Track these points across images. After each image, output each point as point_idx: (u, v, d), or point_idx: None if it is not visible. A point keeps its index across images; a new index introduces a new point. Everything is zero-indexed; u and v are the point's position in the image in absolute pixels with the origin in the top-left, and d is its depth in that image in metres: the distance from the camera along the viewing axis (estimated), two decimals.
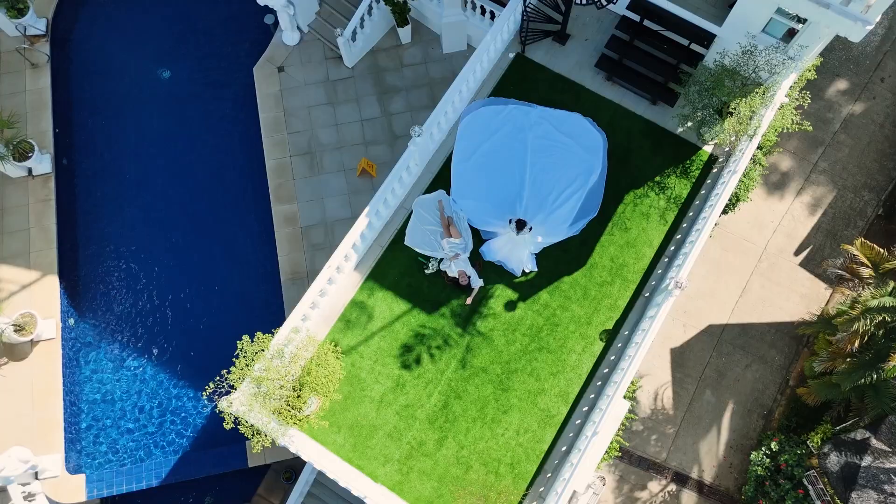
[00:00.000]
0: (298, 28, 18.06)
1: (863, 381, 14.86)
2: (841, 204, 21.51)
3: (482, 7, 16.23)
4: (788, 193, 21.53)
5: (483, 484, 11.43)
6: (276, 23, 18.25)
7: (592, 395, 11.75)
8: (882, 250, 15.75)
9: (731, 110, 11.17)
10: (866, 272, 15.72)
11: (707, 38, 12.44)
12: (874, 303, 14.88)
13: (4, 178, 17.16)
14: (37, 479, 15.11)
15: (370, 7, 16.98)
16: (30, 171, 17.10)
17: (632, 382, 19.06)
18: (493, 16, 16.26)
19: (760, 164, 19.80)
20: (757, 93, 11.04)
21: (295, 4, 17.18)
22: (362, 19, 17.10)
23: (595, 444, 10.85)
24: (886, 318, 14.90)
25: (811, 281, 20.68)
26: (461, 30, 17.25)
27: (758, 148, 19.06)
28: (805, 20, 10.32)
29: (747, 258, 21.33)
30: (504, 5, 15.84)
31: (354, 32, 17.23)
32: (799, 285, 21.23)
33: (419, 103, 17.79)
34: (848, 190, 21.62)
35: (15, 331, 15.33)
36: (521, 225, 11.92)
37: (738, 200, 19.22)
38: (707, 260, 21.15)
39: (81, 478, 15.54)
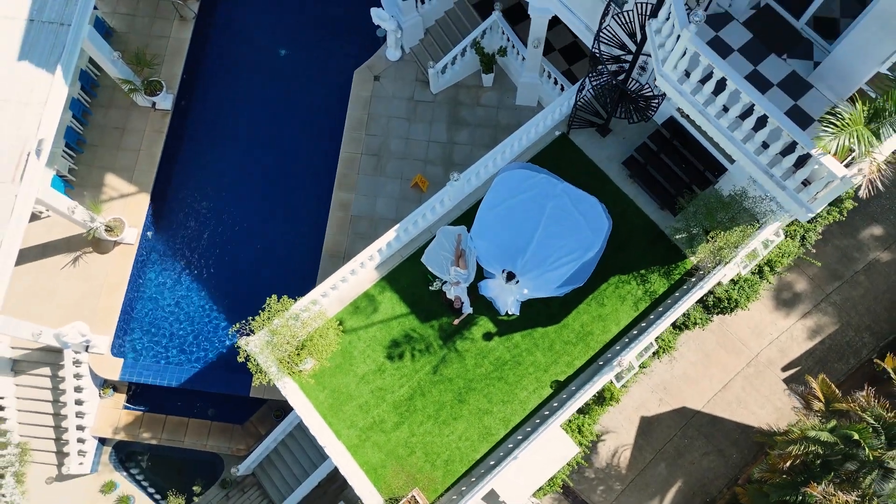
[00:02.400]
0: (401, 48, 20.81)
1: (788, 498, 16.54)
2: (840, 338, 22.82)
3: (555, 79, 18.58)
4: (794, 313, 23.00)
5: (419, 468, 13.99)
6: (385, 38, 21.06)
7: (528, 429, 14.09)
8: (837, 391, 17.33)
9: (710, 237, 13.20)
10: (817, 405, 17.35)
11: (719, 170, 14.49)
12: (812, 433, 16.56)
13: (133, 104, 20.67)
14: (87, 351, 18.58)
15: (464, 50, 19.56)
16: (154, 104, 20.54)
17: (595, 434, 21.20)
18: (562, 88, 18.60)
19: (767, 280, 21.44)
20: (736, 230, 13.02)
21: (403, 30, 19.93)
22: (455, 58, 19.71)
23: (513, 468, 13.23)
24: (819, 449, 16.55)
25: (789, 398, 22.22)
26: (535, 90, 19.64)
27: (768, 266, 20.78)
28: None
29: (738, 359, 23.00)
30: (573, 82, 18.17)
31: (445, 67, 19.86)
32: (776, 398, 22.80)
33: (481, 141, 20.29)
34: (851, 328, 22.89)
35: (105, 230, 18.81)
36: (510, 276, 14.36)
37: (736, 306, 21.00)
38: (701, 350, 22.96)
39: (119, 361, 18.95)
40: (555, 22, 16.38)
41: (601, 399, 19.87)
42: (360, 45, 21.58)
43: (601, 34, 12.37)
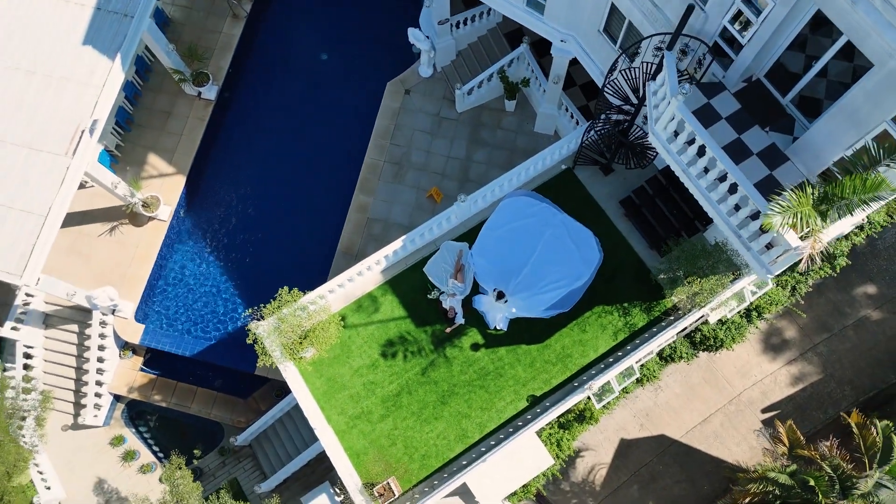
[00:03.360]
0: (434, 66, 22.14)
1: None
2: (822, 388, 23.69)
3: (571, 113, 19.76)
4: (780, 359, 23.93)
5: (397, 459, 15.35)
6: (420, 55, 22.39)
7: (502, 436, 15.35)
8: (802, 438, 18.32)
9: (688, 281, 14.31)
10: (781, 449, 18.34)
11: (706, 220, 15.57)
12: (772, 475, 17.59)
13: (180, 91, 22.31)
14: (113, 314, 20.26)
15: (490, 76, 20.83)
16: (199, 94, 22.14)
17: (573, 449, 22.37)
18: (577, 122, 19.76)
19: (755, 324, 22.41)
20: (712, 279, 14.11)
21: (436, 51, 21.26)
22: (481, 82, 20.99)
23: (487, 469, 14.54)
24: (777, 491, 17.57)
25: (758, 439, 23.17)
26: (552, 120, 20.84)
27: (756, 311, 21.74)
28: None
29: (720, 396, 24.00)
30: (588, 118, 19.34)
31: (472, 89, 21.16)
32: (752, 438, 23.76)
33: (497, 161, 21.55)
34: (833, 379, 23.75)
35: (142, 206, 20.46)
36: (499, 296, 15.63)
37: (721, 345, 22.03)
38: (686, 382, 24.01)
39: (141, 327, 20.60)
40: (577, 60, 17.58)
41: (581, 417, 21.05)
42: (397, 58, 22.91)
43: (606, 87, 13.56)
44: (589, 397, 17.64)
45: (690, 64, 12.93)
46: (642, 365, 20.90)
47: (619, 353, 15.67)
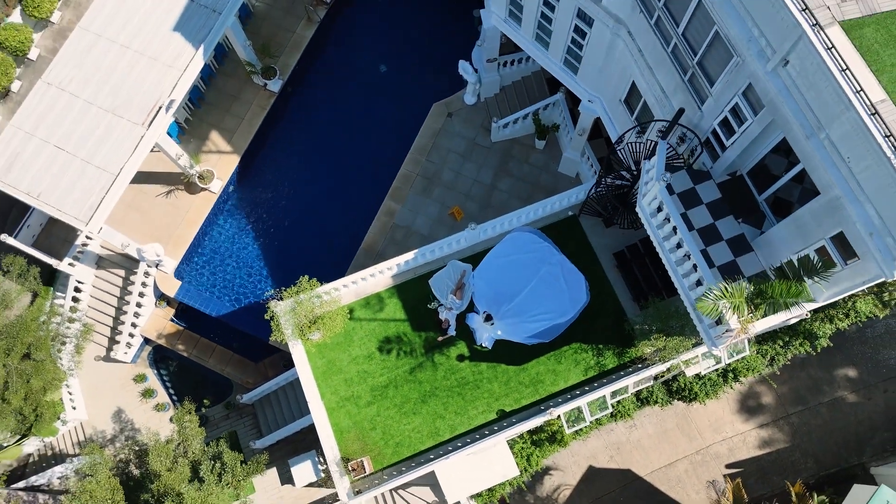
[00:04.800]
0: (478, 96, 24.13)
1: None
2: (787, 457, 25.05)
3: (592, 163, 21.56)
4: (752, 421, 25.35)
5: (374, 443, 17.50)
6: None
7: (468, 440, 17.35)
8: (746, 498, 19.86)
9: (655, 338, 16.04)
10: (725, 502, 19.93)
11: None
12: None
13: (249, 80, 24.77)
14: (156, 267, 22.85)
15: (526, 115, 22.74)
16: (265, 85, 24.58)
17: (541, 466, 24.20)
18: (595, 171, 21.53)
19: (729, 385, 23.95)
20: (676, 339, 15.82)
21: (482, 84, 23.26)
22: (517, 119, 22.91)
23: (455, 466, 16.63)
24: None
25: (713, 491, 24.69)
26: (575, 165, 22.67)
27: (732, 373, 23.24)
28: None
29: (690, 444, 25.56)
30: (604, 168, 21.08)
31: (507, 124, 23.10)
32: (712, 490, 25.25)
33: (518, 192, 23.44)
34: (799, 450, 25.11)
35: (198, 177, 22.98)
36: (487, 318, 17.61)
37: (696, 397, 23.63)
38: (661, 425, 25.61)
39: (178, 283, 23.17)
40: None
41: (553, 438, 22.87)
42: (447, 81, 24.92)
43: (612, 156, 15.39)
44: (562, 423, 19.51)
45: (687, 150, 14.68)
46: (619, 401, 22.60)
47: (586, 388, 17.51)
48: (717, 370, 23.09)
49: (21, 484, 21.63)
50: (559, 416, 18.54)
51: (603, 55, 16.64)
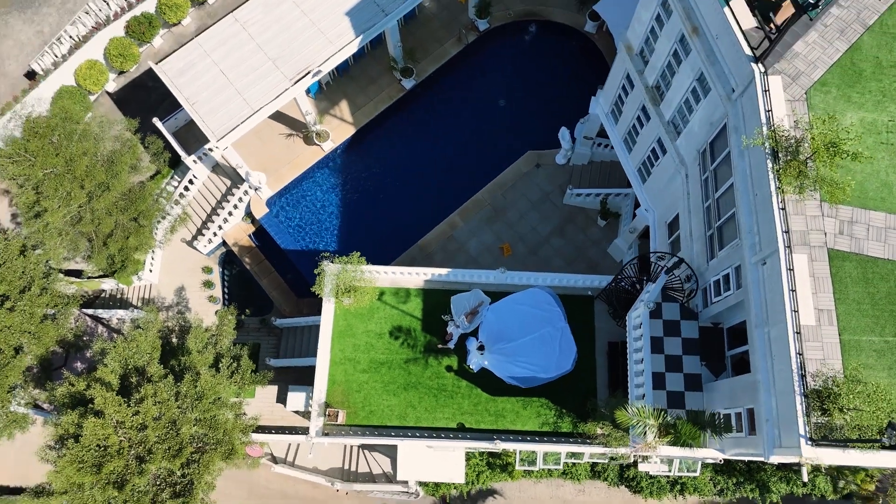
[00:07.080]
0: (568, 160, 26.89)
1: None
2: None
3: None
4: None
5: (353, 402, 21.05)
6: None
7: (426, 435, 20.56)
8: None
9: (602, 425, 18.61)
10: None
11: None
12: None
13: (389, 70, 28.44)
14: (255, 191, 27.14)
15: (598, 194, 25.33)
16: (400, 80, 28.24)
17: (487, 485, 26.99)
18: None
19: (675, 495, 25.92)
20: (619, 434, 18.31)
21: (573, 152, 26.00)
22: (589, 194, 25.55)
23: (412, 450, 19.96)
24: None
25: None
26: (622, 253, 25.15)
27: (681, 486, 25.22)
28: None
29: None
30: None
31: (580, 194, 25.78)
32: None
33: (565, 254, 26.15)
34: None
35: (316, 134, 27.02)
36: (480, 348, 20.65)
37: (642, 490, 25.75)
38: (607, 500, 27.87)
39: (265, 210, 27.45)
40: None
41: (505, 468, 25.69)
42: (548, 136, 27.71)
43: (626, 266, 18.01)
44: (516, 458, 22.37)
45: (689, 288, 17.13)
46: (574, 464, 25.09)
47: (544, 438, 20.34)
48: (667, 477, 25.15)
49: (90, 311, 26.60)
50: (515, 451, 21.41)
51: (666, 180, 19.16)
